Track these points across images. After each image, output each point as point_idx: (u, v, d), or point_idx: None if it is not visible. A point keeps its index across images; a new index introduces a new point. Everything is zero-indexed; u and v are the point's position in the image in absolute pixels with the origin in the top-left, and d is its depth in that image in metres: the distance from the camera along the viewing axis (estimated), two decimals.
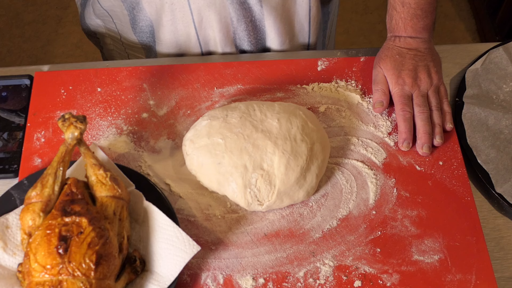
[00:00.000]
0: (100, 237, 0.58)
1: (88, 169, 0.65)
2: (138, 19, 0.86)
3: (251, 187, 0.68)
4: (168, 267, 0.63)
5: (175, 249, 0.63)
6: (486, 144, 0.76)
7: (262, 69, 0.83)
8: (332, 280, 0.66)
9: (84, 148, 0.65)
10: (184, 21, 0.83)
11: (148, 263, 0.64)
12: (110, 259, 0.59)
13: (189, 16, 0.82)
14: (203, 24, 0.84)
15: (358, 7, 2.16)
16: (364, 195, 0.72)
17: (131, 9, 0.85)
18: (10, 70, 0.87)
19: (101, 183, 0.63)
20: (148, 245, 0.65)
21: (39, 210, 0.60)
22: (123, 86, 0.82)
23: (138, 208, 0.66)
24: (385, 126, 0.78)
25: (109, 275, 0.58)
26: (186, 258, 0.63)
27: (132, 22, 0.87)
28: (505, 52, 0.84)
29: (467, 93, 0.81)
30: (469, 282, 0.66)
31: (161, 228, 0.65)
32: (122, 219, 0.63)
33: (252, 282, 0.66)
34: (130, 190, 0.67)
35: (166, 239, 0.64)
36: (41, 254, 0.57)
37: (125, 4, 0.85)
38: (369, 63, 0.84)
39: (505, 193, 0.72)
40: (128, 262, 0.63)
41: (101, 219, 0.60)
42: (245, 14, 0.83)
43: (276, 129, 0.70)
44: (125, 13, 0.86)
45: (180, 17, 0.83)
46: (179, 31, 0.85)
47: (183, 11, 0.82)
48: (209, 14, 0.82)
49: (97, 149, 0.70)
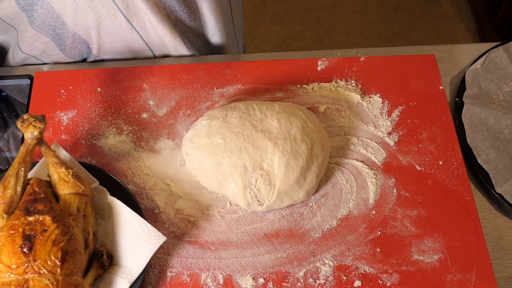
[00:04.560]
0: (65, 234, 0.59)
1: (50, 168, 0.65)
2: (67, 41, 0.82)
3: (251, 187, 0.68)
4: (136, 260, 0.64)
5: (142, 241, 0.64)
6: (486, 144, 0.76)
7: (262, 69, 0.83)
8: (332, 280, 0.66)
9: (45, 147, 0.66)
10: (110, 15, 0.78)
11: (116, 257, 0.65)
12: (76, 255, 0.59)
13: (113, 7, 0.77)
14: (131, 9, 0.78)
15: (358, 7, 2.16)
16: (364, 195, 0.72)
17: (56, 37, 0.82)
18: (10, 70, 0.87)
19: (64, 181, 0.63)
20: (115, 239, 0.65)
21: (2, 212, 0.60)
22: (123, 86, 0.82)
23: (103, 203, 0.67)
24: (385, 126, 0.78)
25: (75, 271, 0.59)
26: (152, 249, 0.63)
27: (61, 46, 0.84)
28: (505, 52, 0.84)
29: (467, 93, 0.81)
30: (469, 282, 0.66)
31: (126, 221, 0.65)
32: (87, 215, 0.63)
33: (252, 282, 0.66)
34: (94, 187, 0.67)
35: (132, 232, 0.65)
36: (5, 254, 0.57)
37: (50, 36, 0.81)
38: (369, 63, 0.84)
39: (505, 193, 0.72)
40: (95, 257, 0.63)
41: (65, 216, 0.61)
42: None
43: (276, 129, 0.70)
44: (52, 44, 0.83)
45: (105, 12, 0.77)
46: (109, 27, 0.80)
47: (105, 4, 0.76)
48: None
49: (59, 148, 0.69)
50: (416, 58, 0.84)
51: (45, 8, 0.76)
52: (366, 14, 2.15)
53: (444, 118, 0.79)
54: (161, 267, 0.67)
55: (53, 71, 0.84)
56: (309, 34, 2.12)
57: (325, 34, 2.11)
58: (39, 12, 0.77)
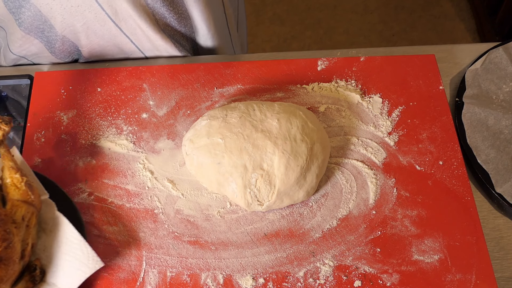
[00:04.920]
0: (3, 240, 0.58)
1: (4, 171, 0.64)
2: (56, 43, 0.82)
3: (251, 187, 0.68)
4: (68, 280, 0.63)
5: (78, 263, 0.63)
6: (486, 144, 0.76)
7: (262, 69, 0.83)
8: (332, 280, 0.66)
9: (4, 150, 0.65)
10: (98, 20, 0.78)
11: (48, 274, 0.64)
12: (10, 263, 0.58)
13: (101, 12, 0.76)
14: (119, 15, 0.77)
15: (358, 7, 2.16)
16: (364, 195, 0.72)
17: (46, 40, 0.81)
18: (10, 70, 0.87)
19: (16, 187, 0.63)
20: (52, 256, 0.64)
21: None
22: (123, 86, 0.82)
23: (48, 217, 0.66)
24: (385, 126, 0.78)
25: (5, 280, 0.58)
26: (87, 272, 0.62)
27: (50, 49, 0.83)
28: (505, 52, 0.84)
29: (467, 93, 0.81)
30: (469, 282, 0.66)
31: (67, 240, 0.64)
32: (30, 226, 0.62)
33: (252, 282, 0.66)
34: (44, 199, 0.66)
35: (71, 252, 0.63)
36: None
37: (40, 38, 0.81)
38: (369, 63, 0.84)
39: (505, 193, 0.72)
40: (28, 270, 0.62)
41: (8, 222, 0.60)
42: None
43: (276, 129, 0.70)
44: (41, 46, 0.83)
45: (93, 17, 0.77)
46: (98, 31, 0.80)
47: (93, 10, 0.76)
48: (120, 2, 0.75)
49: (17, 154, 0.68)
50: (416, 58, 0.84)
51: (32, 11, 0.75)
52: (366, 14, 2.15)
53: (444, 118, 0.79)
54: (161, 267, 0.67)
55: (53, 71, 0.84)
56: (309, 34, 2.12)
57: (325, 34, 2.11)
58: (26, 14, 0.76)
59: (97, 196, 0.72)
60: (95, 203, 0.72)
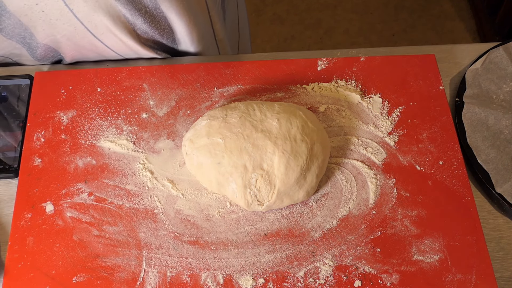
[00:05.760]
0: None
1: None
2: (37, 50, 0.82)
3: (251, 187, 0.68)
4: None
5: None
6: (486, 144, 0.76)
7: (262, 69, 0.83)
8: (332, 280, 0.66)
9: None
10: (79, 33, 0.78)
11: None
12: None
13: (81, 26, 0.76)
14: (99, 29, 0.78)
15: (358, 7, 2.17)
16: (364, 195, 0.73)
17: (27, 45, 0.81)
18: (10, 70, 0.87)
19: None
20: None
21: None
22: (123, 86, 0.82)
23: None
24: (385, 126, 0.78)
25: None
26: None
27: (32, 54, 0.83)
28: (505, 52, 0.84)
29: (467, 93, 0.81)
30: (469, 282, 0.66)
31: None
32: None
33: (252, 282, 0.66)
34: None
35: None
36: None
37: (21, 43, 0.81)
38: (369, 63, 0.84)
39: (505, 193, 0.72)
40: None
41: None
42: (136, 6, 0.76)
43: (276, 129, 0.70)
44: (23, 50, 0.82)
45: (72, 30, 0.77)
46: (79, 42, 0.80)
47: (72, 24, 0.76)
48: (99, 18, 0.75)
49: None
50: (416, 58, 0.84)
51: (12, 20, 0.75)
52: (366, 14, 2.15)
53: (444, 118, 0.79)
54: (161, 267, 0.67)
55: (53, 71, 0.84)
56: (309, 34, 2.12)
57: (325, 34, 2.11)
58: (7, 22, 0.76)
59: (97, 196, 0.72)
60: (95, 203, 0.72)
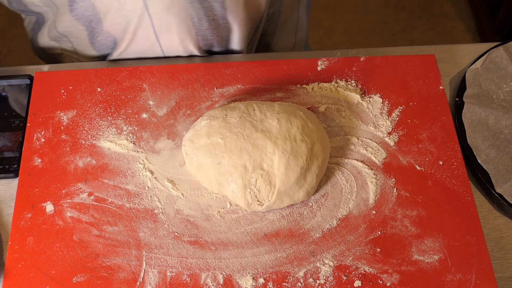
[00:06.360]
0: None
1: None
2: (98, 36, 0.84)
3: (251, 187, 0.68)
4: None
5: None
6: (486, 144, 0.76)
7: (262, 69, 0.83)
8: (332, 280, 0.66)
9: None
10: (143, 27, 0.80)
11: None
12: None
13: (148, 21, 0.79)
14: (163, 28, 0.81)
15: (358, 7, 2.16)
16: (364, 195, 0.72)
17: (90, 30, 0.83)
18: (10, 70, 0.87)
19: None
20: None
21: None
22: (123, 86, 0.82)
23: None
24: (385, 126, 0.78)
25: None
26: None
27: (91, 39, 0.86)
28: (505, 52, 0.84)
29: (467, 92, 0.81)
30: (469, 282, 0.66)
31: None
32: None
33: (252, 282, 0.66)
34: None
35: None
36: None
37: (85, 26, 0.83)
38: (369, 63, 0.84)
39: (505, 193, 0.72)
40: None
41: None
42: (206, 12, 0.80)
43: (276, 129, 0.70)
44: (84, 33, 0.85)
45: (138, 23, 0.80)
46: (138, 36, 0.82)
47: (142, 18, 0.79)
48: (169, 18, 0.79)
49: None
50: (416, 58, 0.84)
51: (86, 3, 0.78)
52: (366, 14, 2.15)
53: (444, 118, 0.79)
54: (161, 267, 0.67)
55: (53, 71, 0.84)
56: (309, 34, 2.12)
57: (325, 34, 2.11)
58: (80, 4, 0.79)
59: (97, 196, 0.72)
60: (95, 203, 0.72)
